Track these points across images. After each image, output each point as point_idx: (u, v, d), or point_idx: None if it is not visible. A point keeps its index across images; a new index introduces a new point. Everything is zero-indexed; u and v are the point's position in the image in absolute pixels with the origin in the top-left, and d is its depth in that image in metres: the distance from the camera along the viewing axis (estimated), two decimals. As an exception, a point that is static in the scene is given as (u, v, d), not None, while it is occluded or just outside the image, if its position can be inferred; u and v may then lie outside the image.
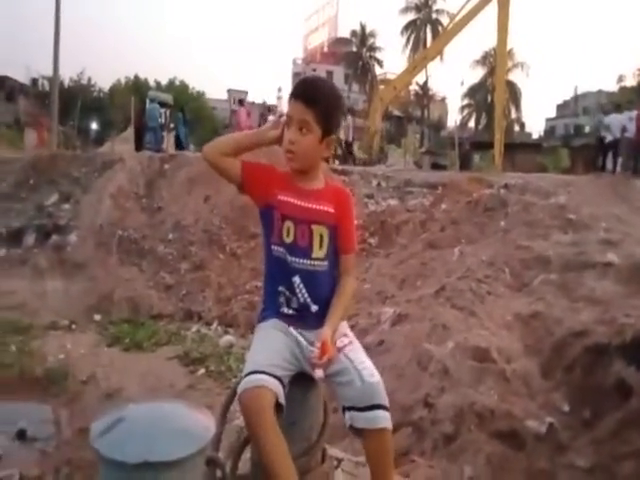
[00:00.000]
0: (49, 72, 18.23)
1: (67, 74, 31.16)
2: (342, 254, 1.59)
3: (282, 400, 1.37)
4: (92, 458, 3.32)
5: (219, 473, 1.28)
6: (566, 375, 2.96)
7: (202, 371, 4.61)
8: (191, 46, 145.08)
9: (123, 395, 4.29)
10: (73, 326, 5.74)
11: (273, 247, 1.54)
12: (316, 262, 1.53)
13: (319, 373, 1.41)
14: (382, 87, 24.20)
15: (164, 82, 35.29)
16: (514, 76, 36.76)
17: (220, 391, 4.15)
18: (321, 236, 1.52)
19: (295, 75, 52.70)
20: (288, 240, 1.51)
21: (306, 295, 1.52)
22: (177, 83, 35.92)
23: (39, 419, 3.92)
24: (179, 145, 13.75)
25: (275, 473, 1.32)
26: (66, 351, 5.02)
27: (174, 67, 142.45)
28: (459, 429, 2.70)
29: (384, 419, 1.42)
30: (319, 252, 1.53)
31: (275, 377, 1.37)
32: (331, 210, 1.54)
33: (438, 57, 24.46)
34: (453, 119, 38.95)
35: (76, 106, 16.12)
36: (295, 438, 1.43)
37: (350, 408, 1.43)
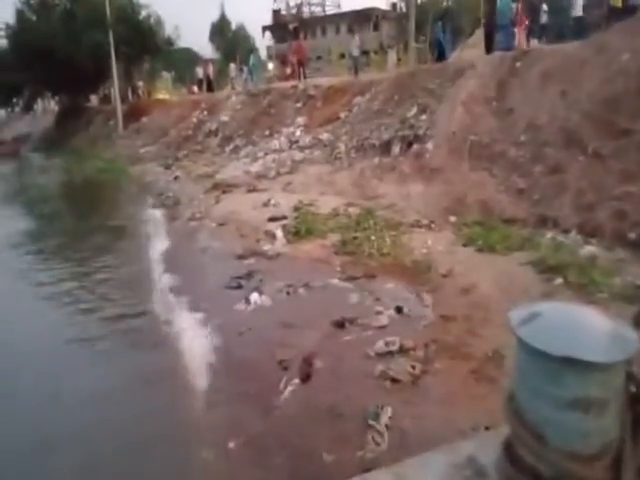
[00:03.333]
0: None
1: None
2: None
3: None
4: (454, 342, 3.70)
5: (633, 389, 1.18)
6: None
7: (559, 281, 4.33)
8: None
9: (478, 292, 4.54)
10: (432, 225, 6.36)
11: None
12: None
13: None
14: None
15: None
16: None
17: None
18: None
19: None
20: None
21: None
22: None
23: (411, 300, 4.64)
24: (441, 55, 12.75)
25: None
26: (427, 247, 5.66)
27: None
28: None
29: None
30: None
31: None
32: None
33: None
34: None
35: (428, 21, 16.71)
36: None
37: None
